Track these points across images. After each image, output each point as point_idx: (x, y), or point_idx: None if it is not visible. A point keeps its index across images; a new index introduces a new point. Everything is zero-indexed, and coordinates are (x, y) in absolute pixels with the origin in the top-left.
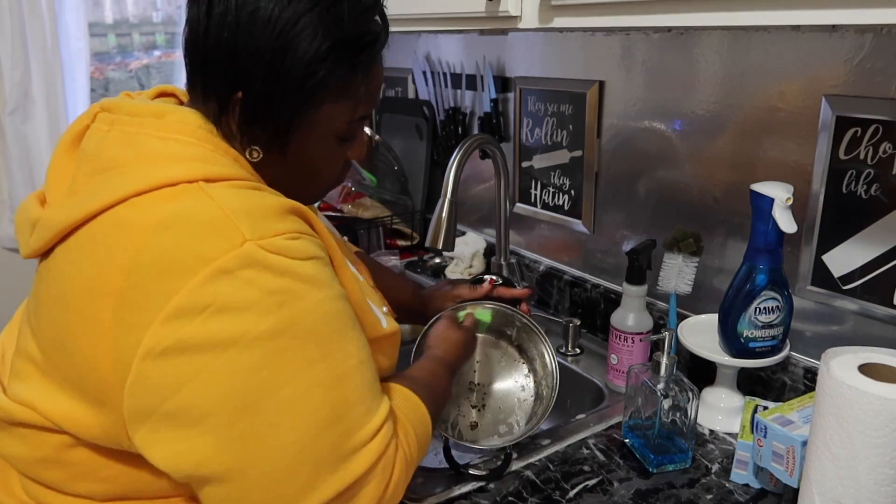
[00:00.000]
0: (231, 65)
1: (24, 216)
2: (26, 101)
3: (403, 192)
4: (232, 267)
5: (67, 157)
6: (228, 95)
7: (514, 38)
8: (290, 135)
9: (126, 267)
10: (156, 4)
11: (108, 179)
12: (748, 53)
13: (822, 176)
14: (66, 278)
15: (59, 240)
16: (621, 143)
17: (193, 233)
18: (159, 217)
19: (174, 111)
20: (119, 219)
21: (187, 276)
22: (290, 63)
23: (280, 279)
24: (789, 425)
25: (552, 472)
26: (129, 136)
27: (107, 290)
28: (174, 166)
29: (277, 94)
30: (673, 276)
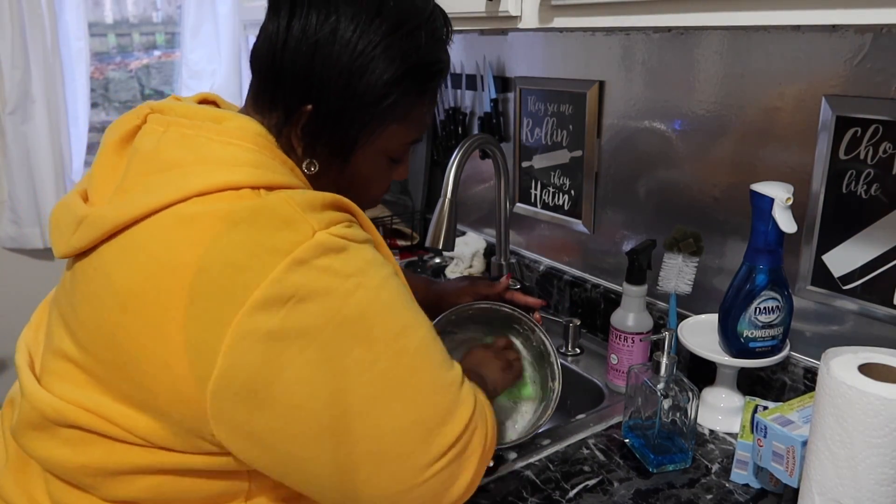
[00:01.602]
0: (306, 78)
1: (66, 213)
2: (26, 101)
3: (403, 192)
4: (307, 257)
5: (116, 156)
6: (297, 107)
7: (514, 38)
8: (352, 152)
9: (196, 264)
10: (156, 4)
11: (167, 179)
12: (748, 53)
13: (822, 176)
14: (119, 277)
15: (106, 237)
16: (621, 143)
17: (265, 227)
18: (228, 214)
19: (232, 117)
20: (182, 216)
21: (265, 269)
22: (366, 83)
23: (351, 263)
24: (789, 425)
25: (552, 472)
26: (187, 138)
27: (175, 288)
28: (236, 170)
29: (349, 112)
30: (673, 276)
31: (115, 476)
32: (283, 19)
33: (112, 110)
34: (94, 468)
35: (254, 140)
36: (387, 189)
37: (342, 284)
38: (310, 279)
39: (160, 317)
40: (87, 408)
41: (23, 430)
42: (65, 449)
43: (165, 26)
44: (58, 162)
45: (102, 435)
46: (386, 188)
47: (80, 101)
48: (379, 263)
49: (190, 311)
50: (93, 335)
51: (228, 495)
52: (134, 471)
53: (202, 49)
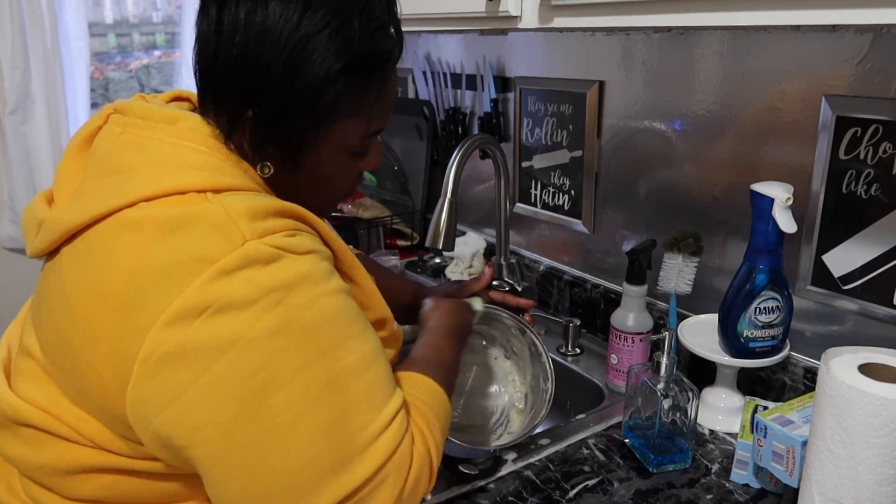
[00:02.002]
0: (241, 83)
1: (30, 215)
2: (26, 101)
3: (403, 192)
4: (232, 267)
5: (79, 157)
6: (239, 113)
7: (514, 38)
8: (302, 152)
9: (130, 270)
10: (156, 4)
11: (117, 182)
12: (748, 53)
13: (822, 176)
14: (70, 281)
15: (64, 240)
16: (621, 143)
17: (197, 235)
18: (165, 221)
19: (187, 118)
20: (126, 222)
21: (189, 278)
22: (300, 84)
23: (278, 276)
24: (789, 425)
25: (552, 472)
26: (141, 140)
27: (109, 294)
28: (184, 174)
29: (290, 115)
30: (673, 276)
31: (71, 475)
32: (213, 23)
33: None
34: (51, 467)
35: (205, 142)
36: (357, 182)
37: (262, 299)
38: (230, 290)
39: (95, 323)
40: (43, 407)
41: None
42: (24, 448)
43: (165, 26)
44: (58, 162)
45: (56, 435)
46: (355, 181)
47: (80, 101)
48: (315, 279)
49: (117, 317)
50: (48, 337)
51: (185, 494)
52: (87, 470)
53: None
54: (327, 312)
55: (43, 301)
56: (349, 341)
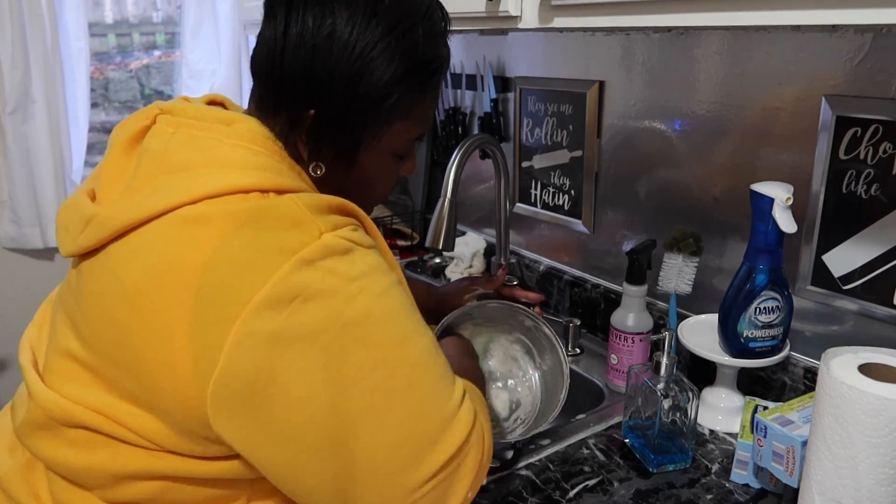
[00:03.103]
0: (307, 84)
1: (74, 212)
2: (26, 101)
3: (403, 192)
4: (314, 258)
5: (125, 155)
6: (300, 112)
7: (514, 38)
8: (358, 153)
9: (205, 263)
10: (156, 4)
11: (175, 181)
12: (748, 53)
13: (822, 176)
14: (129, 275)
15: (115, 237)
16: (621, 143)
17: (272, 228)
18: (237, 215)
19: (242, 120)
20: (191, 217)
21: (271, 268)
22: (366, 85)
23: (356, 267)
24: (789, 425)
25: (552, 472)
26: (197, 139)
27: (182, 286)
28: (246, 173)
29: (352, 114)
30: (673, 276)
31: (119, 479)
32: (280, 25)
33: (112, 110)
34: (99, 470)
35: (263, 143)
36: (395, 186)
37: (346, 287)
38: (315, 280)
39: (167, 316)
40: (93, 407)
41: (28, 429)
42: (70, 450)
43: (165, 26)
44: (58, 162)
45: (109, 436)
46: (394, 185)
47: (80, 101)
48: (383, 270)
49: (196, 310)
50: (100, 333)
51: (226, 499)
52: (137, 475)
53: (202, 49)
54: (399, 300)
55: (86, 298)
56: (420, 326)
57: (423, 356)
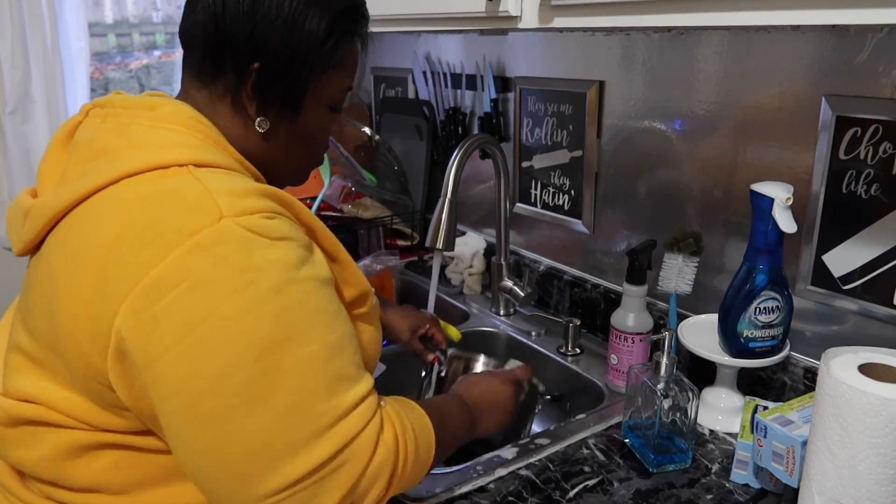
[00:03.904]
0: (250, 37)
1: (15, 210)
2: (26, 101)
3: (403, 192)
4: (208, 243)
5: (61, 151)
6: (246, 66)
7: (514, 38)
8: (303, 101)
9: (111, 240)
10: (156, 4)
11: (100, 164)
12: (748, 53)
13: (822, 176)
14: (56, 260)
15: (50, 227)
16: (621, 143)
17: (176, 208)
18: (147, 193)
19: (165, 103)
20: (109, 197)
21: (167, 248)
22: (308, 29)
23: (251, 258)
24: (789, 425)
25: (552, 472)
26: (122, 125)
27: (89, 264)
28: (165, 151)
29: (297, 59)
30: (673, 276)
31: (69, 461)
32: None
33: None
34: (50, 458)
35: (185, 123)
36: (326, 147)
37: (234, 279)
38: (204, 266)
39: (75, 294)
40: (33, 398)
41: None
42: (21, 447)
43: (165, 26)
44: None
45: (48, 424)
46: (326, 145)
47: (80, 101)
48: (287, 265)
49: (96, 285)
50: (37, 322)
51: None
52: (84, 450)
53: None
54: (296, 299)
55: (30, 291)
56: (314, 329)
57: (303, 362)
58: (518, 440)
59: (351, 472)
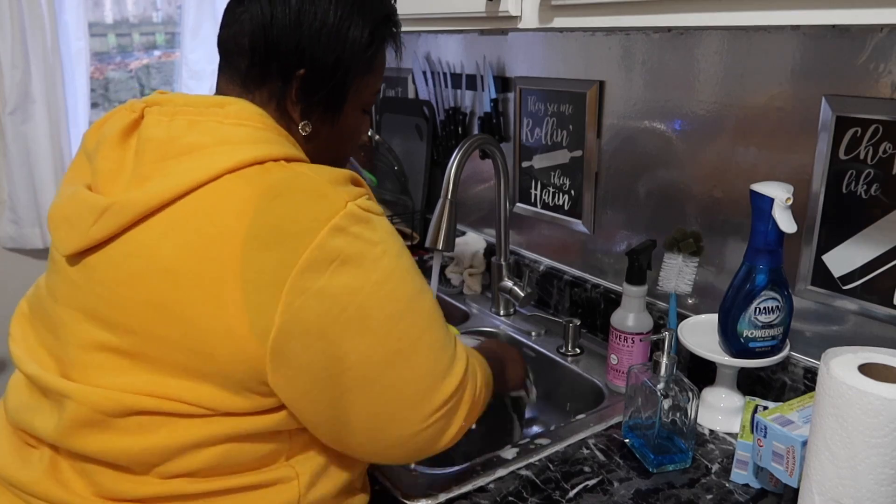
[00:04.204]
0: (297, 45)
1: (79, 206)
2: (26, 101)
3: (403, 192)
4: (344, 224)
5: (119, 149)
6: (292, 73)
7: (514, 38)
8: (344, 105)
9: (244, 232)
10: (156, 4)
11: (190, 161)
12: (748, 53)
13: (822, 176)
14: (165, 254)
15: (133, 223)
16: (621, 143)
17: (303, 198)
18: (265, 187)
19: (232, 101)
20: (220, 192)
21: (310, 234)
22: (352, 36)
23: (377, 232)
24: (789, 425)
25: (552, 472)
26: (199, 123)
27: (226, 255)
28: (258, 147)
29: (342, 65)
30: (673, 276)
31: (181, 452)
32: (265, 1)
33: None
34: (160, 448)
35: (259, 120)
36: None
37: (372, 250)
38: (347, 244)
39: (216, 285)
40: (143, 391)
41: (71, 431)
42: (126, 437)
43: (165, 26)
44: (58, 162)
45: (164, 413)
46: (359, 142)
47: (80, 101)
48: (395, 234)
49: (245, 274)
50: (140, 316)
51: (273, 456)
52: (199, 443)
53: (202, 49)
54: (409, 259)
55: (113, 286)
56: (423, 281)
57: (432, 307)
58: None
59: (471, 389)
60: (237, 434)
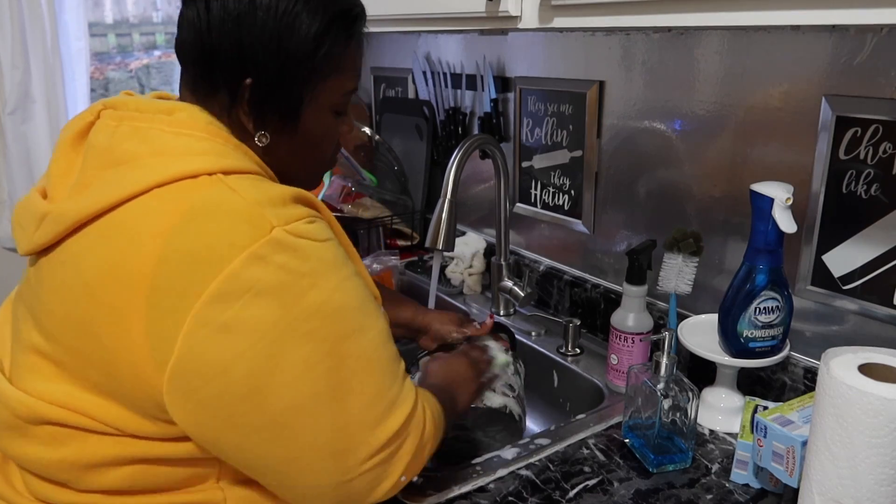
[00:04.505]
0: (238, 53)
1: (27, 211)
2: (26, 101)
3: (403, 192)
4: (265, 253)
5: (72, 152)
6: (238, 83)
7: (514, 38)
8: (300, 112)
9: (157, 254)
10: (156, 4)
11: (123, 172)
12: (748, 53)
13: (822, 176)
14: (89, 268)
15: (70, 232)
16: (621, 143)
17: (223, 221)
18: (187, 206)
19: (182, 108)
20: (144, 208)
21: (223, 262)
22: (296, 41)
23: (308, 262)
24: (789, 425)
25: (552, 472)
26: (141, 131)
27: (137, 278)
28: (192, 159)
29: (287, 73)
30: (673, 276)
31: (91, 469)
32: (201, 3)
33: None
34: (70, 463)
35: (205, 128)
36: (336, 149)
37: (297, 283)
38: (266, 275)
39: (123, 306)
40: (57, 401)
41: (2, 432)
42: (39, 447)
43: (165, 26)
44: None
45: (74, 427)
46: (337, 147)
47: (80, 101)
48: (336, 264)
49: (150, 299)
50: (62, 325)
51: (199, 478)
52: (108, 462)
53: None
54: (352, 293)
55: (46, 292)
56: (369, 318)
57: (370, 348)
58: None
59: (413, 439)
60: (148, 457)
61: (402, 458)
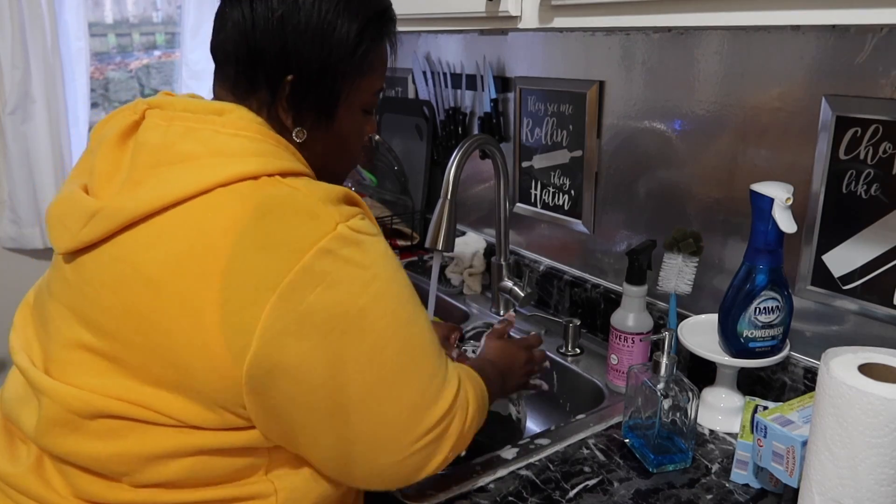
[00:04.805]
0: (282, 51)
1: (72, 207)
2: (26, 101)
3: (403, 192)
4: (333, 247)
5: (118, 150)
6: (280, 79)
7: (514, 38)
8: (337, 109)
9: (229, 249)
10: (156, 4)
11: (183, 171)
12: (748, 53)
13: (822, 176)
14: (148, 262)
15: (122, 228)
16: (621, 143)
17: (293, 218)
18: (255, 205)
19: (232, 109)
20: (210, 205)
21: (296, 256)
22: (338, 38)
23: (368, 255)
24: (789, 425)
25: (552, 472)
26: (194, 131)
27: (209, 271)
28: (250, 160)
29: (329, 70)
30: (673, 276)
31: (151, 461)
32: (246, 4)
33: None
34: (130, 455)
35: (257, 130)
36: (362, 148)
37: (362, 275)
38: (335, 268)
39: (195, 299)
40: (115, 395)
41: (48, 429)
42: (96, 441)
43: (165, 26)
44: (58, 162)
45: (134, 420)
46: (363, 144)
47: (80, 101)
48: (389, 255)
49: (224, 293)
50: (120, 321)
51: (250, 470)
52: (168, 454)
53: (202, 49)
54: (404, 281)
55: (96, 289)
56: (417, 306)
57: (424, 333)
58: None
59: (460, 417)
60: (208, 448)
61: (450, 436)
